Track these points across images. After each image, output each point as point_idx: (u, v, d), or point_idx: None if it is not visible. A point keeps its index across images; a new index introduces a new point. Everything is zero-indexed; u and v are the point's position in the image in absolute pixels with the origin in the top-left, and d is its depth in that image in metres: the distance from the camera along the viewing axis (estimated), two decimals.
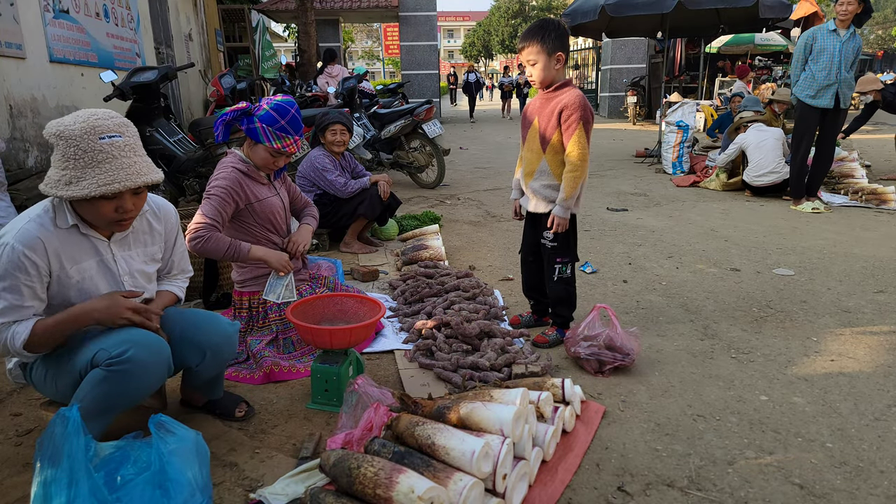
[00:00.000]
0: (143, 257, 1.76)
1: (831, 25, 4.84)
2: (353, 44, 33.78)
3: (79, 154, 1.47)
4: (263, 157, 2.35)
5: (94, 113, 1.53)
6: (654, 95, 15.03)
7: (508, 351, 2.35)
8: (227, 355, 1.87)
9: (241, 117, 2.30)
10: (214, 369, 1.86)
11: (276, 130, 2.28)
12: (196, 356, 1.77)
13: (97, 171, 1.48)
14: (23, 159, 5.09)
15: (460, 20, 63.69)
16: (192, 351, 1.76)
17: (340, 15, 15.29)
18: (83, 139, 1.47)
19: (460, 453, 1.45)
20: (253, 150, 2.36)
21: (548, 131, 2.37)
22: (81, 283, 1.61)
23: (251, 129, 2.29)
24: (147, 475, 1.33)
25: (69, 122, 1.49)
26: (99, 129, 1.50)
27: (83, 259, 1.61)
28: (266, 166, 2.38)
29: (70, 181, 1.48)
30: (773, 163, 5.48)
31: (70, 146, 1.47)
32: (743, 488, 1.62)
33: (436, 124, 6.07)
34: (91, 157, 1.47)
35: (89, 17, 6.43)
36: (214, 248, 2.22)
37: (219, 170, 2.34)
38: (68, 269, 1.58)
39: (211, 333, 1.79)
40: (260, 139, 2.29)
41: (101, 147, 1.49)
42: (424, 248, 3.67)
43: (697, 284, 3.30)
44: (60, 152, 1.48)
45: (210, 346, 1.78)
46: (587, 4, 7.55)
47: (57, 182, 1.48)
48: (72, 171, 1.47)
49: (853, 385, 2.17)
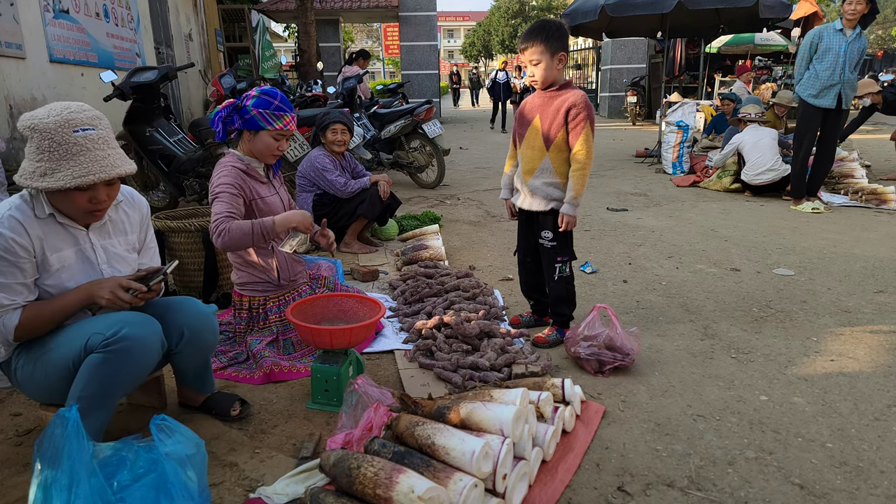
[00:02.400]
0: (123, 245, 1.79)
1: (838, 25, 4.83)
2: (353, 44, 33.78)
3: (53, 147, 1.50)
4: (267, 143, 2.32)
5: (68, 106, 1.56)
6: (654, 95, 15.03)
7: (508, 351, 2.35)
8: (207, 336, 1.85)
9: (232, 113, 2.30)
10: (197, 353, 1.86)
11: (273, 111, 2.28)
12: (174, 335, 1.78)
13: (72, 164, 1.51)
14: (22, 159, 5.09)
15: (460, 20, 63.70)
16: (168, 331, 1.76)
17: (340, 15, 15.29)
18: (57, 132, 1.50)
19: (460, 453, 1.45)
20: (254, 142, 2.33)
21: (552, 130, 2.36)
22: (61, 271, 1.63)
23: (248, 119, 2.28)
24: (148, 479, 1.33)
25: (42, 114, 1.52)
26: (73, 122, 1.53)
27: (63, 248, 1.64)
28: (270, 153, 2.35)
29: (45, 173, 1.51)
30: (771, 161, 5.49)
31: (45, 139, 1.50)
32: (743, 488, 1.62)
33: (436, 124, 6.07)
34: (66, 150, 1.51)
35: (89, 17, 6.43)
36: (240, 235, 2.15)
37: (219, 169, 2.32)
38: (49, 256, 1.60)
39: (186, 313, 1.80)
40: (260, 125, 2.27)
41: (76, 140, 1.52)
42: (424, 248, 3.67)
43: (697, 284, 3.30)
44: (35, 144, 1.51)
45: (186, 324, 1.78)
46: (587, 4, 7.55)
47: (32, 174, 1.52)
48: (46, 164, 1.51)
49: (853, 385, 2.17)
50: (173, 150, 4.60)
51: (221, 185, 2.26)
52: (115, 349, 1.53)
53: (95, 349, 1.54)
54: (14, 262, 1.54)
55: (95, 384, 1.55)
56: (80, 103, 1.60)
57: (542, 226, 2.50)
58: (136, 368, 1.60)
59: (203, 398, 2.00)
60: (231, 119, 2.30)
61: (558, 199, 2.43)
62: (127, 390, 1.66)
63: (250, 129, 2.30)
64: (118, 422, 1.96)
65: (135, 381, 1.65)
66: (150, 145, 4.54)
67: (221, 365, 2.33)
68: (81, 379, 1.55)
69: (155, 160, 4.60)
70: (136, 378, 1.64)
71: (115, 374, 1.56)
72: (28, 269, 1.57)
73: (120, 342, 1.53)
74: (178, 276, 3.06)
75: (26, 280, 1.57)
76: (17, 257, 1.54)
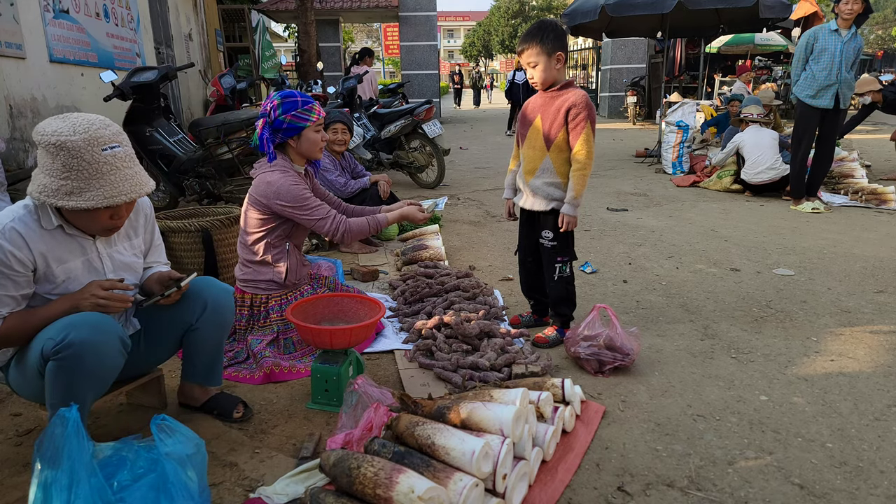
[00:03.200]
0: (130, 251, 1.78)
1: (833, 25, 4.84)
2: (353, 44, 33.78)
3: (83, 166, 1.48)
4: (312, 139, 2.37)
5: (92, 122, 1.52)
6: (654, 95, 15.02)
7: (508, 351, 2.35)
8: (226, 312, 1.88)
9: (273, 133, 2.32)
10: (214, 331, 1.87)
11: (302, 109, 2.32)
12: (196, 308, 1.81)
13: (102, 183, 1.50)
14: (22, 159, 5.09)
15: (460, 20, 63.69)
16: (191, 304, 1.79)
17: (340, 15, 15.29)
18: (87, 150, 1.48)
19: (460, 453, 1.45)
20: (300, 145, 2.37)
21: (552, 130, 2.37)
22: (67, 282, 1.61)
23: (287, 127, 2.31)
24: (148, 478, 1.33)
25: (67, 130, 1.48)
26: (101, 139, 1.51)
27: (69, 259, 1.62)
28: (317, 147, 2.41)
29: (71, 192, 1.48)
30: (771, 160, 5.49)
31: (73, 157, 1.47)
32: (743, 488, 1.62)
33: (436, 124, 6.08)
34: (95, 169, 1.49)
35: (89, 17, 6.43)
36: (358, 230, 2.41)
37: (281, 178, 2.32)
38: (54, 268, 1.59)
39: (209, 287, 1.86)
40: (301, 125, 2.32)
41: (105, 158, 1.50)
42: (424, 248, 3.67)
43: (697, 284, 3.30)
44: (61, 162, 1.47)
45: (210, 297, 1.83)
46: (587, 4, 7.55)
47: (55, 192, 1.48)
48: (73, 182, 1.48)
49: (853, 385, 2.17)
50: (173, 151, 4.60)
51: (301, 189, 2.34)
52: (65, 356, 1.47)
53: (49, 357, 1.49)
54: (8, 274, 1.51)
55: (58, 391, 1.51)
56: (100, 116, 1.57)
57: (543, 225, 2.50)
58: (93, 372, 1.53)
59: (206, 397, 2.00)
60: (272, 136, 2.33)
61: (559, 198, 2.43)
62: (96, 391, 1.59)
63: (293, 135, 2.34)
64: (118, 422, 1.96)
65: (99, 384, 1.58)
66: (149, 145, 4.54)
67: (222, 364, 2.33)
68: (47, 386, 1.52)
69: (155, 160, 4.59)
70: (99, 381, 1.57)
71: (70, 381, 1.50)
72: (21, 282, 1.54)
73: (68, 348, 1.47)
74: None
75: (16, 293, 1.54)
76: (12, 270, 1.51)
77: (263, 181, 2.34)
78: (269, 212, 2.36)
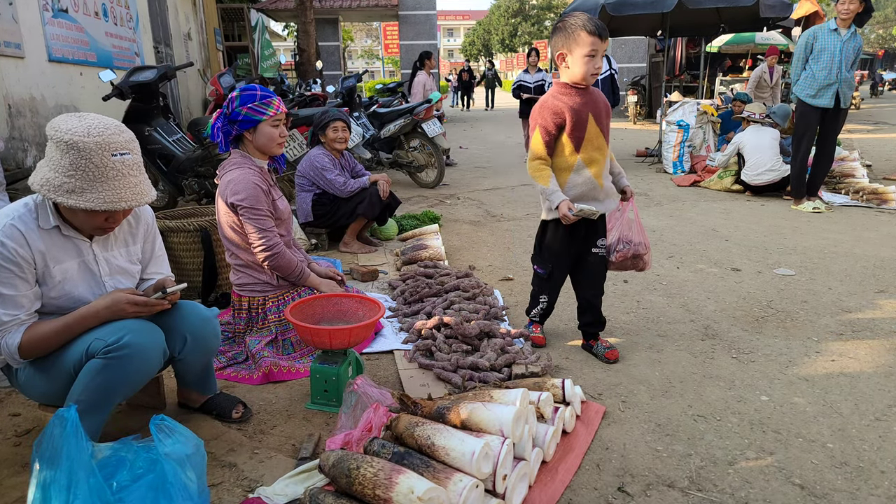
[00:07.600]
0: (125, 257, 1.78)
1: (832, 25, 4.84)
2: (353, 43, 33.78)
3: (90, 167, 1.49)
4: (269, 133, 2.35)
5: (108, 126, 1.54)
6: (654, 95, 15.03)
7: (508, 351, 2.34)
8: (209, 341, 1.85)
9: (227, 124, 2.32)
10: (200, 358, 1.85)
11: (260, 102, 2.30)
12: (177, 342, 1.77)
13: (105, 187, 1.51)
14: (21, 159, 5.08)
15: (460, 19, 63.61)
16: (171, 337, 1.76)
17: (340, 14, 15.29)
18: (97, 153, 1.49)
19: (460, 454, 1.44)
20: (256, 138, 2.35)
21: (607, 128, 2.32)
22: (63, 283, 1.62)
23: (243, 119, 2.30)
24: (147, 479, 1.33)
25: (81, 131, 1.49)
26: (113, 145, 1.52)
27: (65, 259, 1.62)
28: (275, 143, 2.38)
29: (73, 190, 1.49)
30: (771, 161, 5.49)
31: (82, 158, 1.48)
32: (743, 489, 1.62)
33: (435, 123, 6.07)
34: (101, 173, 1.50)
35: (88, 17, 6.42)
36: (285, 264, 2.37)
37: (239, 175, 2.31)
38: (51, 268, 1.59)
39: (188, 318, 1.80)
40: (256, 118, 2.30)
41: (113, 164, 1.52)
42: (424, 247, 3.66)
43: (698, 284, 3.29)
44: (69, 160, 1.48)
45: (189, 330, 1.78)
46: (587, 3, 7.54)
47: (58, 188, 1.49)
48: (78, 182, 1.49)
49: (854, 385, 2.17)
50: (172, 150, 4.60)
51: (255, 198, 2.30)
52: (116, 356, 1.53)
53: (96, 354, 1.54)
54: (15, 272, 1.52)
55: (93, 389, 1.54)
56: (116, 122, 1.58)
57: (600, 233, 2.39)
58: (135, 376, 1.59)
59: (204, 399, 1.99)
60: (227, 128, 2.33)
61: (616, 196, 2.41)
62: (126, 396, 1.66)
63: (249, 127, 2.32)
64: (118, 422, 1.96)
65: (133, 388, 1.64)
66: (148, 145, 4.53)
67: (220, 365, 2.32)
68: (80, 383, 1.55)
69: (154, 160, 4.59)
70: (134, 385, 1.63)
71: (113, 381, 1.55)
72: (30, 279, 1.56)
73: (121, 349, 1.53)
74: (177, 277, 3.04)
75: (27, 291, 1.55)
76: (18, 268, 1.52)
77: (225, 181, 2.35)
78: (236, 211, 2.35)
